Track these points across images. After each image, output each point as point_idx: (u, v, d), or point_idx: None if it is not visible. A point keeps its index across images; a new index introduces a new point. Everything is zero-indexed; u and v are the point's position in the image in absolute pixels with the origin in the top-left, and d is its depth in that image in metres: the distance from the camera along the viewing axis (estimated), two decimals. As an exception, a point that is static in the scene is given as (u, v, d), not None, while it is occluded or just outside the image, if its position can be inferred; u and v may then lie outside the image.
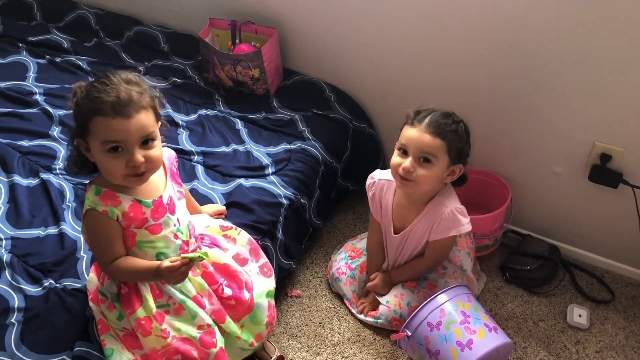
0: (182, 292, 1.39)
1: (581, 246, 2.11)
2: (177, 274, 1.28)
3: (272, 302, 1.57)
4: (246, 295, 1.48)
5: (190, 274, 1.38)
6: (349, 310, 1.91)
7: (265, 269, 1.58)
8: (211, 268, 1.45)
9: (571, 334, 1.87)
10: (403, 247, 1.80)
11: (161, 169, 1.39)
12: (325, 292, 1.98)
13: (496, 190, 2.05)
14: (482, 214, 1.95)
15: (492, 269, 2.08)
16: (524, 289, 2.01)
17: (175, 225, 1.37)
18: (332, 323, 1.88)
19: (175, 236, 1.37)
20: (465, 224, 1.68)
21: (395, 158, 1.64)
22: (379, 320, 1.82)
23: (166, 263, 1.27)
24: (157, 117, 1.30)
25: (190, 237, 1.42)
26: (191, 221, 1.47)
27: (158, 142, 1.29)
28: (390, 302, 1.81)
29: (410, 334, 1.64)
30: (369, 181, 1.83)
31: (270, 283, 1.57)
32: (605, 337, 1.87)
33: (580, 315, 1.90)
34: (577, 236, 2.09)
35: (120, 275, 1.34)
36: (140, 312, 1.34)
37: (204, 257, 1.29)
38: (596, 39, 1.65)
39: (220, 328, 1.44)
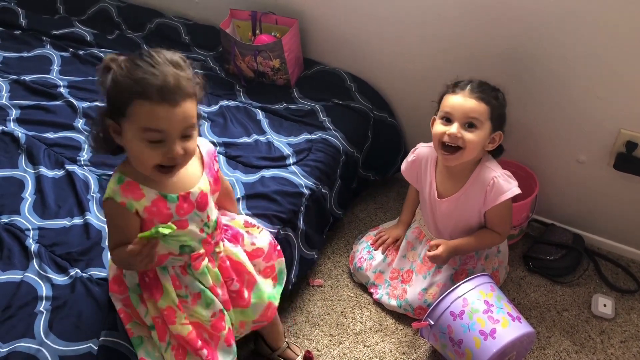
0: (200, 282, 1.36)
1: (606, 235, 2.08)
2: (141, 256, 1.15)
3: (275, 303, 1.53)
4: (246, 293, 1.46)
5: (209, 265, 1.37)
6: (373, 298, 1.92)
7: (269, 270, 1.53)
8: (228, 263, 1.43)
9: (596, 324, 1.85)
10: (455, 215, 1.76)
11: (197, 163, 1.32)
12: (347, 282, 1.99)
13: (521, 181, 2.02)
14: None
15: (515, 258, 2.06)
16: (547, 279, 1.99)
17: (203, 220, 1.30)
18: (353, 312, 1.89)
19: (202, 230, 1.32)
20: (515, 187, 1.67)
21: (439, 127, 1.63)
22: (402, 304, 1.83)
23: (129, 247, 1.16)
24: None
25: (216, 229, 1.37)
26: (219, 216, 1.41)
27: (196, 133, 1.19)
28: (428, 290, 1.80)
29: (432, 323, 1.64)
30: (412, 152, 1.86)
31: (269, 285, 1.52)
32: (631, 327, 1.84)
33: (605, 305, 1.88)
34: (602, 225, 2.06)
35: (117, 261, 1.29)
36: (162, 303, 1.32)
37: (158, 232, 1.12)
38: (622, 23, 1.62)
39: None
